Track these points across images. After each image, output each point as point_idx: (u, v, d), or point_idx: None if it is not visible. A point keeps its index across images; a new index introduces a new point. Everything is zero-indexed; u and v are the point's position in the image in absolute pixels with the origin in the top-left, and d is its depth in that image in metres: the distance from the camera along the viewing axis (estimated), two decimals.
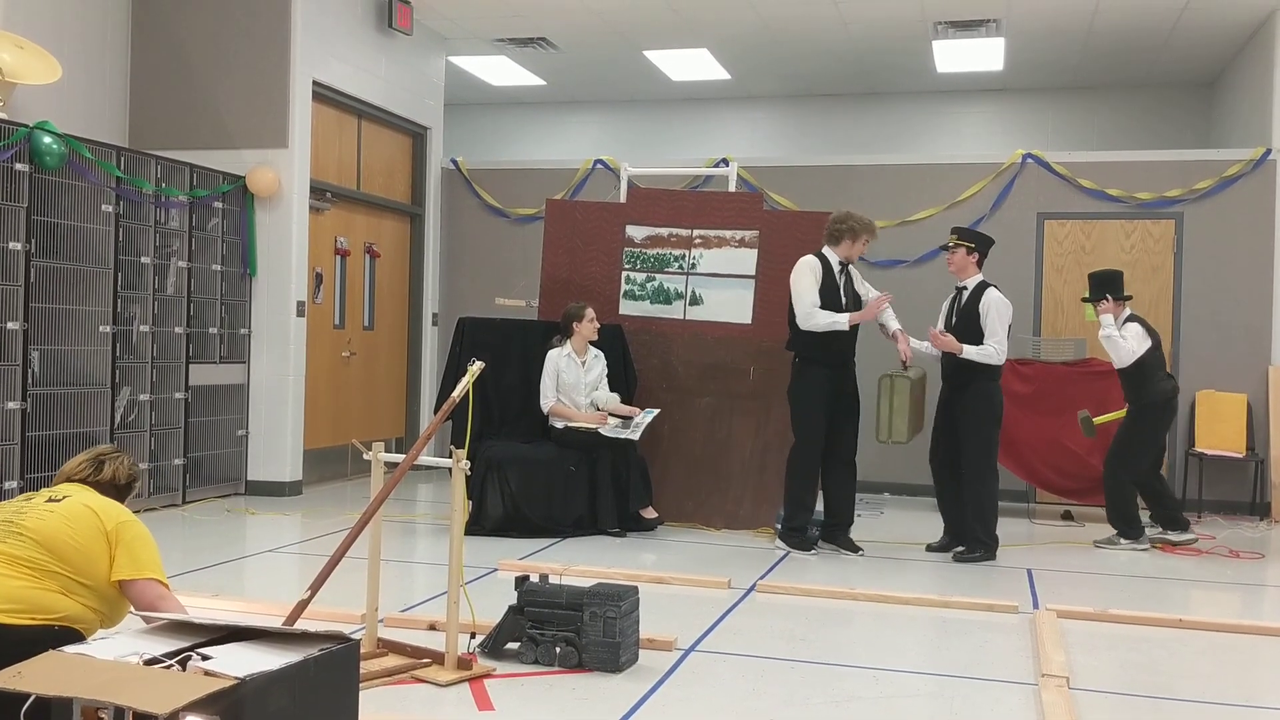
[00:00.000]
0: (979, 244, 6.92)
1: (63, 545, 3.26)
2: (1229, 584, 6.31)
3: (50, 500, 3.39)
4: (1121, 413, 7.41)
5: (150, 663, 2.72)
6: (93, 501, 3.41)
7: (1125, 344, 7.00)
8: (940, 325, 6.91)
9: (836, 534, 6.83)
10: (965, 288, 6.86)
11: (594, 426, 7.23)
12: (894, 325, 6.87)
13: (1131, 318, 7.16)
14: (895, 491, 9.32)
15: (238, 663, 2.69)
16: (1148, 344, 7.05)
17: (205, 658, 2.72)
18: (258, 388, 8.47)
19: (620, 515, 7.17)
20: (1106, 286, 7.22)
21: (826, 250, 6.78)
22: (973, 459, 6.66)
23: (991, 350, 6.61)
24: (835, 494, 6.86)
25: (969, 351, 6.60)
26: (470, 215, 10.47)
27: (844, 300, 6.71)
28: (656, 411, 7.41)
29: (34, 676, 2.60)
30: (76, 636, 3.15)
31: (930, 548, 6.91)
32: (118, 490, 3.59)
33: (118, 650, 2.80)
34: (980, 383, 6.68)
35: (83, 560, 3.27)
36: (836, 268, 6.75)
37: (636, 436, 7.22)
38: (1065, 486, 8.19)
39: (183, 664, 2.71)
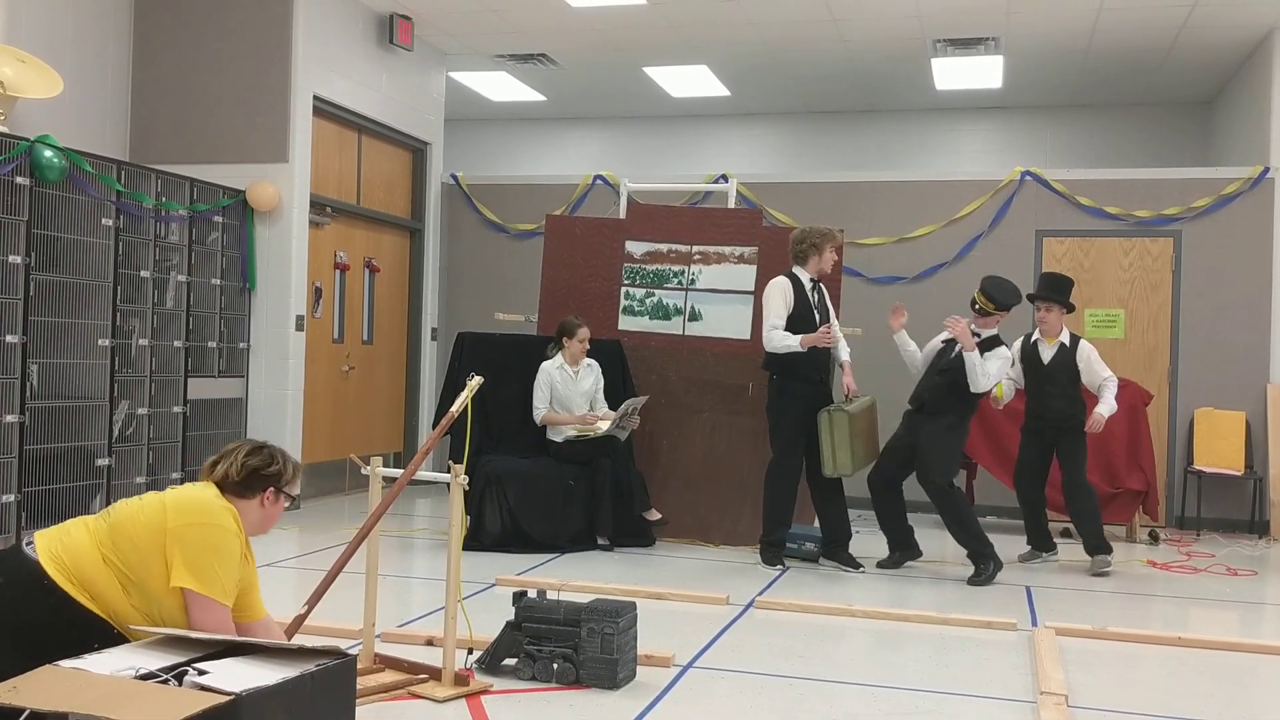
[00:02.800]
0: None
1: (121, 537, 3.23)
2: (1227, 602, 6.30)
3: (157, 491, 3.41)
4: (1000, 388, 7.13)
5: (145, 678, 2.71)
6: (179, 496, 3.31)
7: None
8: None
9: (836, 550, 6.83)
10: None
11: (588, 430, 7.24)
12: (844, 356, 6.90)
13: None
14: None
15: (234, 678, 2.68)
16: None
17: (201, 673, 2.71)
18: (256, 402, 8.46)
19: (616, 525, 7.16)
20: (1062, 292, 6.99)
21: (796, 270, 6.79)
22: (935, 480, 6.68)
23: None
24: (827, 511, 6.86)
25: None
26: (470, 230, 10.49)
27: (818, 318, 6.73)
28: (643, 399, 7.42)
29: (29, 691, 2.60)
30: (119, 638, 3.14)
31: (882, 564, 6.85)
32: (241, 487, 3.40)
33: (114, 665, 2.79)
34: (959, 412, 6.73)
35: (136, 556, 3.21)
36: (808, 285, 6.75)
37: (633, 426, 7.32)
38: (1063, 504, 8.15)
39: (178, 679, 2.70)
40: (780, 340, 6.58)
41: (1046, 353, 7.02)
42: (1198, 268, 8.97)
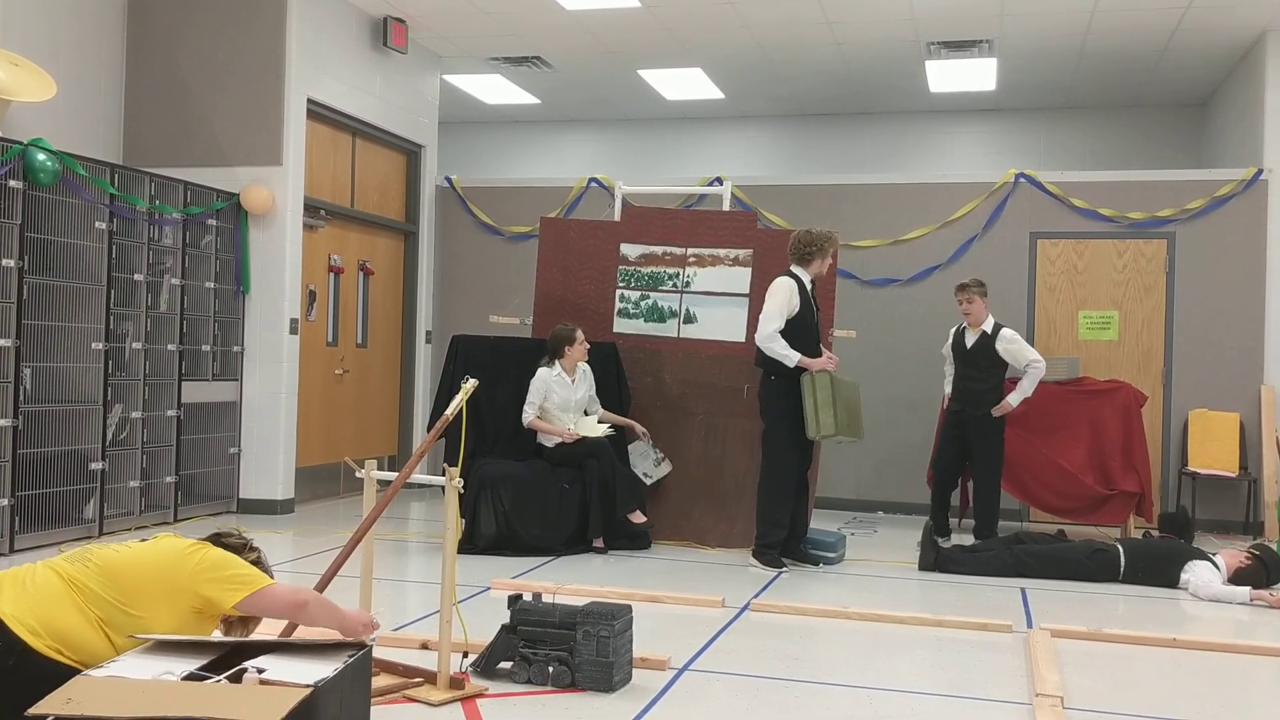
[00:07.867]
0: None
1: (123, 574, 3.17)
2: (1223, 604, 6.30)
3: (141, 540, 3.37)
4: None
5: (190, 678, 2.70)
6: (183, 541, 3.37)
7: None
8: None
9: (792, 546, 6.83)
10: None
11: (566, 439, 7.26)
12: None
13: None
14: (889, 510, 9.32)
15: (295, 672, 2.71)
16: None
17: (260, 670, 2.73)
18: (250, 405, 8.45)
19: (606, 527, 7.16)
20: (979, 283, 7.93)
21: (797, 270, 6.80)
22: None
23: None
24: (794, 509, 6.87)
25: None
26: (464, 233, 10.48)
27: (816, 318, 6.81)
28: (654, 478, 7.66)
29: (88, 700, 2.52)
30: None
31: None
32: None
33: (145, 671, 2.75)
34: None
35: (137, 592, 3.16)
36: (809, 287, 6.78)
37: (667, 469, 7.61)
38: (1059, 506, 8.18)
39: (235, 678, 2.70)
40: (780, 350, 6.59)
41: (970, 339, 7.85)
42: (1191, 269, 8.98)
